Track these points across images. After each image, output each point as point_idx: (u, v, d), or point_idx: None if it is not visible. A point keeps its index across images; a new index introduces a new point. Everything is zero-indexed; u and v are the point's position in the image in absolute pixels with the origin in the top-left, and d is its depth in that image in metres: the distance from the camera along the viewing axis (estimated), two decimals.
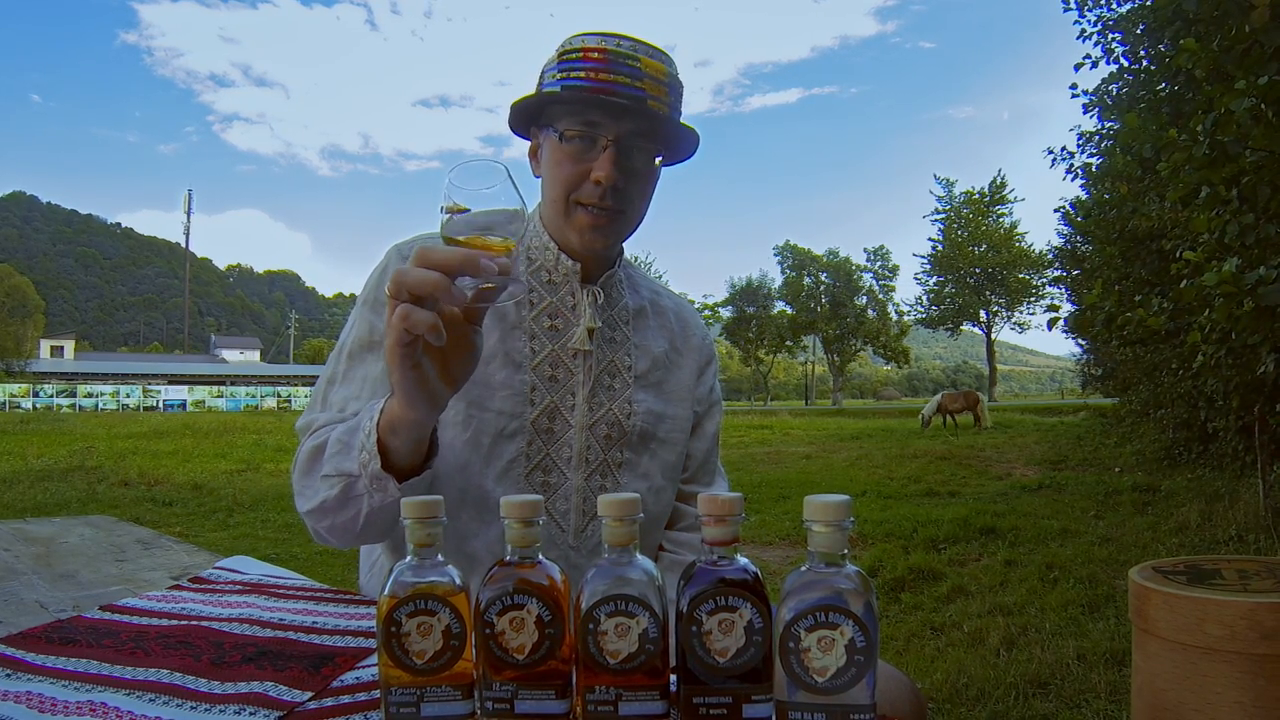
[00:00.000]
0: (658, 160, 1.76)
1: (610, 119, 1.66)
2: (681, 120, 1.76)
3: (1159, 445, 15.46)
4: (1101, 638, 5.36)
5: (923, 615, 6.20)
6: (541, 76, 1.74)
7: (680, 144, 1.80)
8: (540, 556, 1.02)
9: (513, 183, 1.23)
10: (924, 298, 75.09)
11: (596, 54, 1.66)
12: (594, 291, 1.84)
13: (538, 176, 1.81)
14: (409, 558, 1.01)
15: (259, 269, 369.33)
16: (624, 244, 1.93)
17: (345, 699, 1.16)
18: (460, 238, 1.22)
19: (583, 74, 1.65)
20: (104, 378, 74.81)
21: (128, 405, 58.47)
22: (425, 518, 1.00)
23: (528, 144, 1.86)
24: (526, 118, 1.80)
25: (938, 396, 31.51)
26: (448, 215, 1.23)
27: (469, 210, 1.22)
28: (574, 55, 1.68)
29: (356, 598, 1.69)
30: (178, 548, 2.32)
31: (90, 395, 58.74)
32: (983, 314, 72.37)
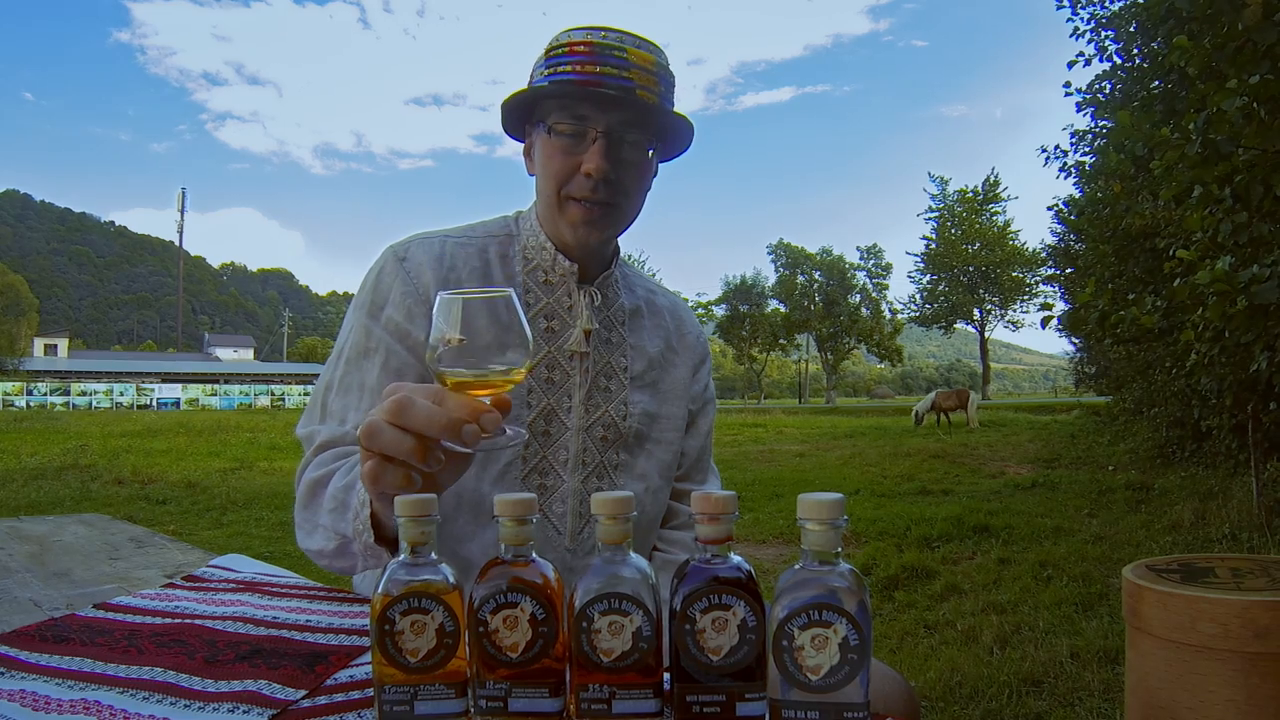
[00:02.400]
0: (650, 152, 1.75)
1: (599, 110, 1.66)
2: (675, 110, 1.76)
3: (1152, 443, 15.46)
4: (1095, 636, 5.37)
5: (916, 613, 6.21)
6: (531, 75, 1.74)
7: (673, 134, 1.80)
8: (534, 555, 1.02)
9: (520, 312, 1.13)
10: (917, 296, 75.04)
11: (583, 47, 1.66)
12: (591, 293, 1.83)
13: (532, 175, 1.81)
14: (403, 556, 1.01)
15: (252, 267, 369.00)
16: (619, 241, 1.93)
17: (339, 697, 1.16)
18: (454, 375, 1.10)
19: (569, 68, 1.66)
20: (98, 376, 74.64)
21: (121, 403, 58.42)
22: (419, 516, 1.00)
23: (521, 145, 1.86)
24: (518, 117, 1.79)
25: (931, 394, 31.59)
26: (440, 346, 1.10)
27: (465, 341, 1.09)
28: (561, 50, 1.68)
29: (350, 596, 1.69)
30: (171, 546, 2.32)
31: (84, 393, 58.66)
32: (976, 312, 72.32)
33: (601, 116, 1.66)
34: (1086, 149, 13.44)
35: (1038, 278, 65.74)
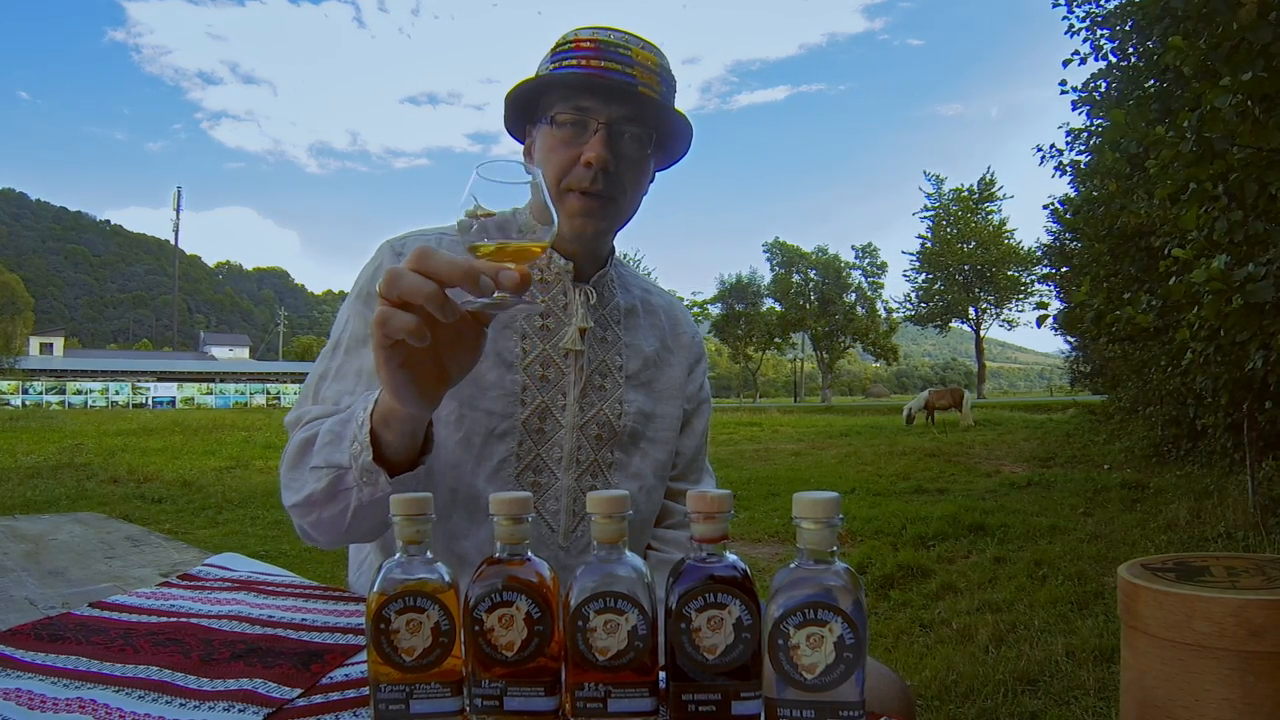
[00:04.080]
0: (649, 150, 1.75)
1: (601, 103, 1.68)
2: (676, 109, 1.76)
3: (1148, 442, 15.47)
4: (1090, 635, 5.38)
5: (911, 612, 6.21)
6: (537, 71, 1.76)
7: (673, 134, 1.81)
8: (529, 554, 1.02)
9: (545, 190, 1.18)
10: (913, 295, 75.17)
11: (589, 43, 1.69)
12: (586, 291, 1.84)
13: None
14: (398, 555, 1.01)
15: (248, 266, 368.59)
16: (614, 241, 1.93)
17: (334, 696, 1.15)
18: (480, 244, 1.14)
19: (574, 62, 1.68)
20: (93, 375, 74.67)
21: (117, 402, 58.40)
22: (414, 514, 1.00)
23: (520, 145, 1.86)
24: (520, 114, 1.81)
25: (924, 393, 31.58)
26: (470, 220, 1.14)
27: (494, 214, 1.15)
28: (567, 46, 1.71)
29: (346, 595, 1.69)
30: (167, 545, 2.33)
31: (79, 392, 58.65)
32: (971, 311, 72.44)
33: (604, 108, 1.68)
34: (1082, 147, 13.46)
35: (1033, 277, 65.88)
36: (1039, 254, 43.28)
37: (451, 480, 1.70)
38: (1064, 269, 21.73)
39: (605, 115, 1.68)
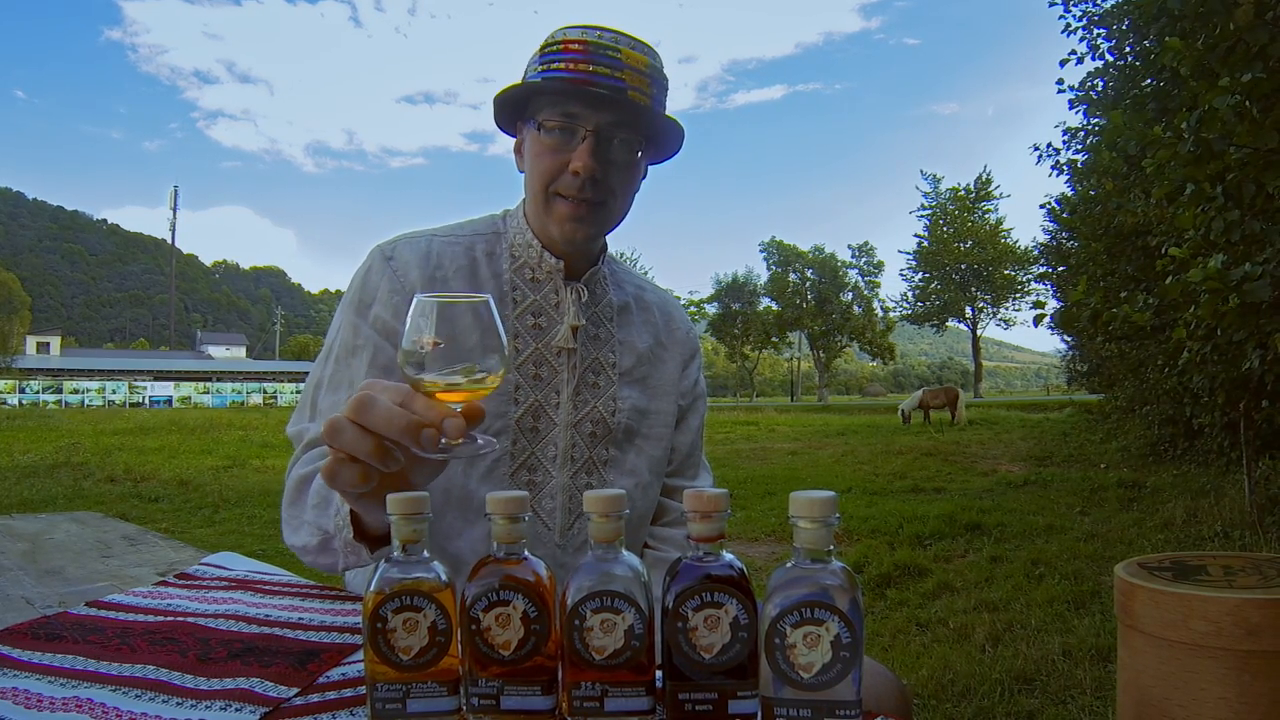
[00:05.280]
0: (639, 154, 1.75)
1: (589, 109, 1.66)
2: (666, 114, 1.76)
3: (1144, 441, 15.48)
4: (1087, 634, 5.37)
5: (908, 611, 6.21)
6: (526, 70, 1.75)
7: (663, 137, 1.80)
8: (526, 553, 1.01)
9: (496, 317, 1.11)
10: (909, 294, 75.17)
11: (577, 46, 1.66)
12: (578, 289, 1.83)
13: (522, 172, 1.81)
14: (395, 554, 1.01)
15: (245, 265, 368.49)
16: (608, 239, 1.93)
17: (331, 695, 1.15)
18: (426, 381, 1.08)
19: (563, 65, 1.66)
20: (90, 374, 74.59)
21: (114, 401, 58.29)
22: (411, 514, 1.00)
23: (512, 140, 1.86)
24: (511, 113, 1.80)
25: (918, 392, 31.56)
26: (415, 349, 1.07)
27: (440, 344, 1.07)
28: (556, 48, 1.69)
29: (342, 594, 1.69)
30: (164, 544, 2.32)
31: (76, 391, 58.54)
32: (968, 310, 72.46)
33: (592, 115, 1.66)
34: (1079, 147, 13.47)
35: (1030, 276, 65.91)
36: (1036, 253, 43.30)
37: (444, 480, 1.70)
38: (1061, 268, 21.72)
39: (593, 122, 1.66)
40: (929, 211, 73.81)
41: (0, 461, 16.80)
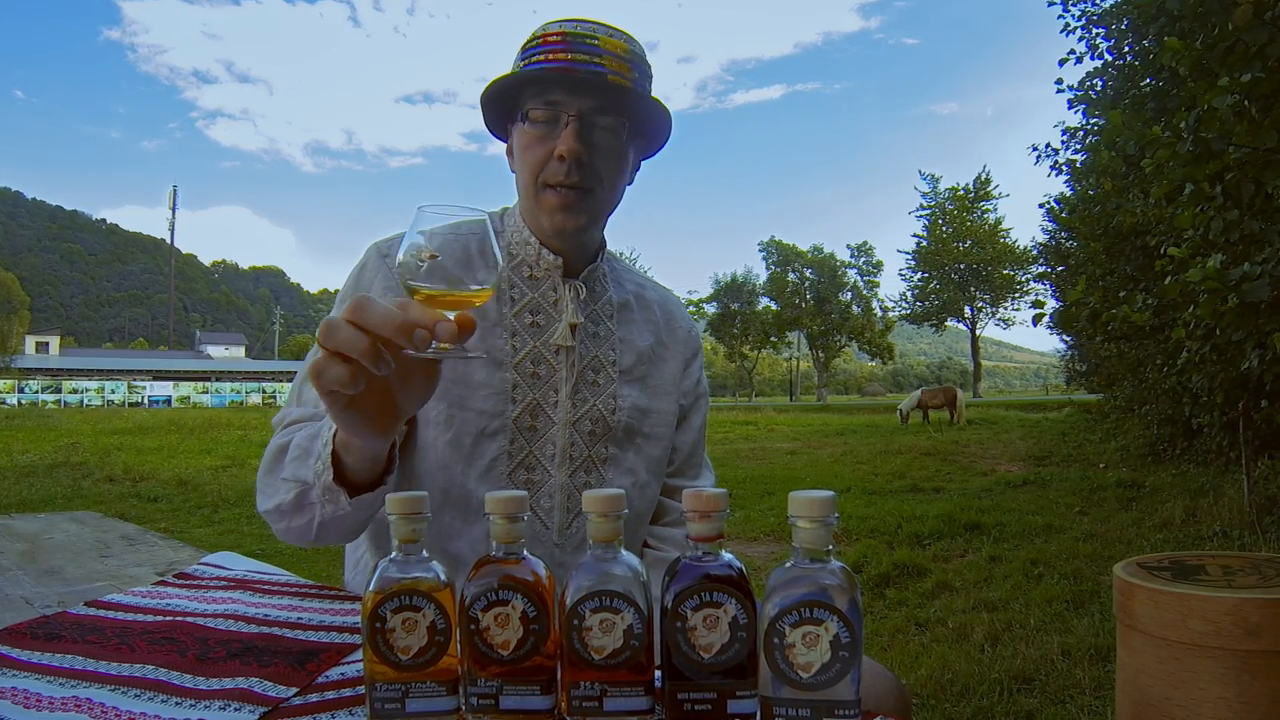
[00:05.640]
0: (625, 138, 1.75)
1: (571, 95, 1.68)
2: (651, 95, 1.77)
3: (1143, 441, 15.48)
4: (1086, 633, 5.38)
5: (907, 611, 6.21)
6: (510, 71, 1.75)
7: (649, 121, 1.80)
8: (525, 552, 1.02)
9: (493, 235, 1.18)
10: (908, 294, 75.10)
11: (556, 37, 1.68)
12: (576, 286, 1.83)
13: (514, 172, 1.81)
14: (394, 554, 1.01)
15: (244, 265, 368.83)
16: (604, 236, 1.93)
17: (330, 695, 1.16)
18: (422, 287, 1.14)
19: (543, 57, 1.68)
20: (89, 374, 74.60)
21: (113, 401, 58.26)
22: (410, 514, 1.00)
23: (504, 143, 1.86)
24: (499, 114, 1.81)
25: (916, 392, 31.58)
26: (414, 260, 1.14)
27: (438, 256, 1.14)
28: (536, 42, 1.71)
29: (341, 594, 1.69)
30: (163, 543, 2.32)
31: (75, 391, 58.52)
32: (967, 310, 72.41)
33: (574, 101, 1.67)
34: (1078, 146, 13.48)
35: (1029, 275, 65.90)
36: (1035, 253, 43.41)
37: (443, 480, 1.70)
38: (1060, 268, 21.74)
39: (576, 107, 1.67)
40: (928, 211, 73.77)
41: (0, 461, 16.79)
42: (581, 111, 1.67)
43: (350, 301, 1.09)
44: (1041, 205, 17.09)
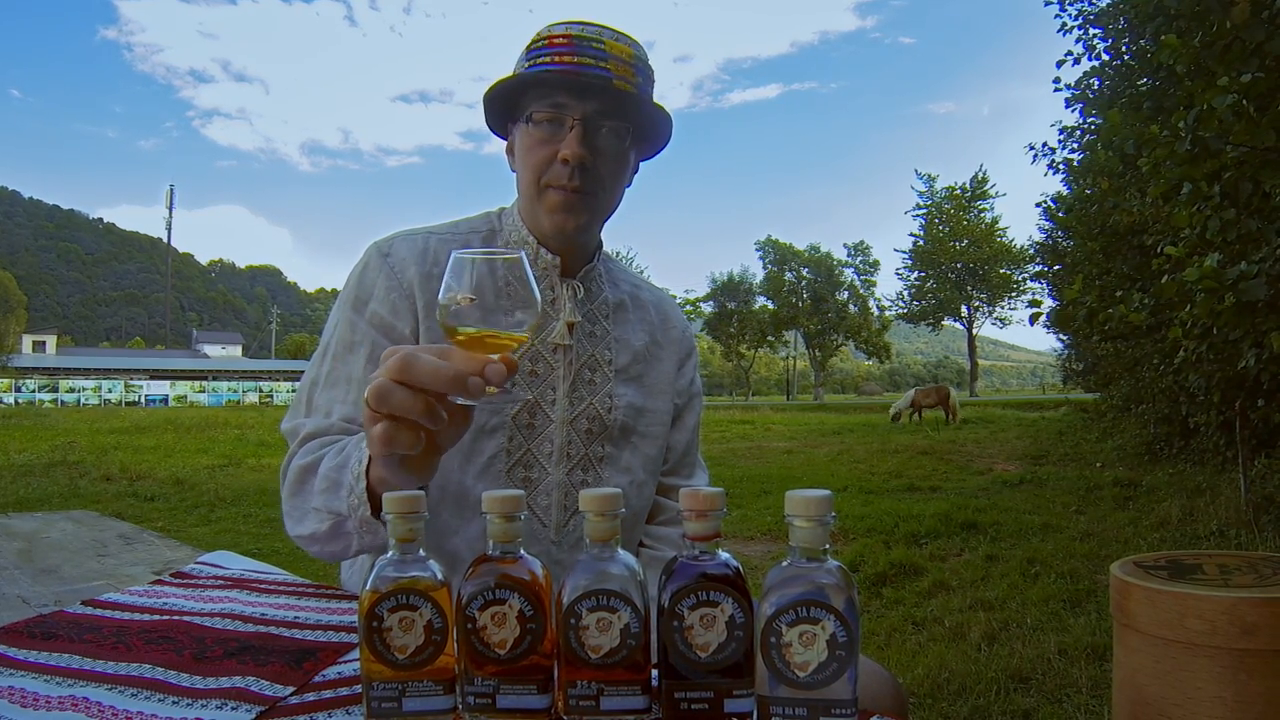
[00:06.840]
0: (628, 143, 1.75)
1: (576, 99, 1.67)
2: (654, 101, 1.76)
3: (1140, 440, 15.50)
4: (1083, 633, 5.38)
5: (904, 610, 6.22)
6: (514, 70, 1.75)
7: (651, 126, 1.80)
8: (522, 551, 1.02)
9: (529, 274, 1.13)
10: (905, 293, 75.07)
11: (562, 40, 1.68)
12: (574, 286, 1.84)
13: (514, 171, 1.81)
14: (391, 553, 1.01)
15: (240, 264, 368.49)
16: (602, 236, 1.93)
17: (327, 694, 1.16)
18: (462, 330, 1.11)
19: (548, 59, 1.67)
20: (86, 373, 74.39)
21: (110, 400, 58.20)
22: (407, 513, 1.00)
23: (504, 142, 1.86)
24: (501, 113, 1.81)
25: (910, 392, 31.63)
26: (451, 305, 1.11)
27: (474, 300, 1.10)
28: (541, 43, 1.70)
29: (338, 593, 1.69)
30: (160, 543, 2.32)
31: (72, 390, 58.42)
32: (964, 309, 72.43)
33: (578, 104, 1.67)
34: (1075, 146, 13.48)
35: (1025, 275, 65.86)
36: (1031, 252, 43.43)
37: (440, 478, 1.70)
38: (1056, 267, 21.77)
39: (581, 111, 1.67)
40: (925, 210, 73.78)
41: None
42: (586, 115, 1.67)
43: (394, 360, 1.06)
44: (1038, 204, 17.07)
